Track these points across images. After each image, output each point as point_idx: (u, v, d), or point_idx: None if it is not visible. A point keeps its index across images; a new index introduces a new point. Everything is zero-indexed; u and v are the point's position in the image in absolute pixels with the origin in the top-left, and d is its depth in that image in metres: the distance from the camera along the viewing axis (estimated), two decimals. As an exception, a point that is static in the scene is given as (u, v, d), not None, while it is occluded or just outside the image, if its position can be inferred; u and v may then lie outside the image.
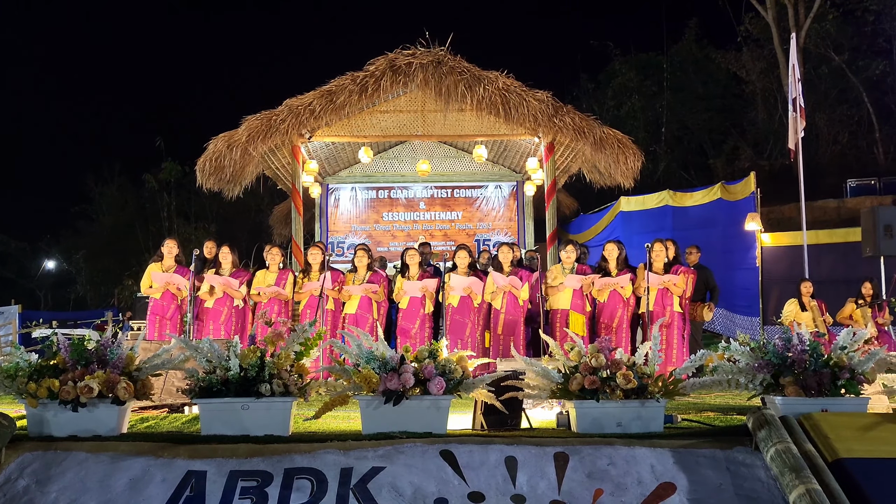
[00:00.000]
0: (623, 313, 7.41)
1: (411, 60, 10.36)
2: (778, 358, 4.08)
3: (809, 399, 3.96)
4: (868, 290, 9.31)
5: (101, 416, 3.95)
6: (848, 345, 4.11)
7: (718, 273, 9.29)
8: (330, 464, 3.58)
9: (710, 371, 4.28)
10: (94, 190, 28.45)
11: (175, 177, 24.28)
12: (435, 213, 14.66)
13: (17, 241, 30.05)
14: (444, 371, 4.02)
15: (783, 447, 3.47)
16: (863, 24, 19.71)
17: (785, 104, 15.27)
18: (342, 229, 14.59)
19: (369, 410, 3.99)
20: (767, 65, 21.07)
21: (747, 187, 12.32)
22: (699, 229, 12.66)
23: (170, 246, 7.81)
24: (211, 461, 3.60)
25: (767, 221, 13.53)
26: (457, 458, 3.62)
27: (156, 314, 7.68)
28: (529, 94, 10.40)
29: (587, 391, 3.99)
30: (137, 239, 24.58)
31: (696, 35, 23.52)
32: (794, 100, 11.28)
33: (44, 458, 3.67)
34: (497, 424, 4.34)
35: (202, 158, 10.69)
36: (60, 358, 4.04)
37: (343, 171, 14.60)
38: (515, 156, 13.81)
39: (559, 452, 3.68)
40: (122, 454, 3.67)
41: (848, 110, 20.11)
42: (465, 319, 7.49)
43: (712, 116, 22.10)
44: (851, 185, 16.29)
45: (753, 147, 20.84)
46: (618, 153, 10.58)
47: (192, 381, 4.04)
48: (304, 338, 4.20)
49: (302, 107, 10.48)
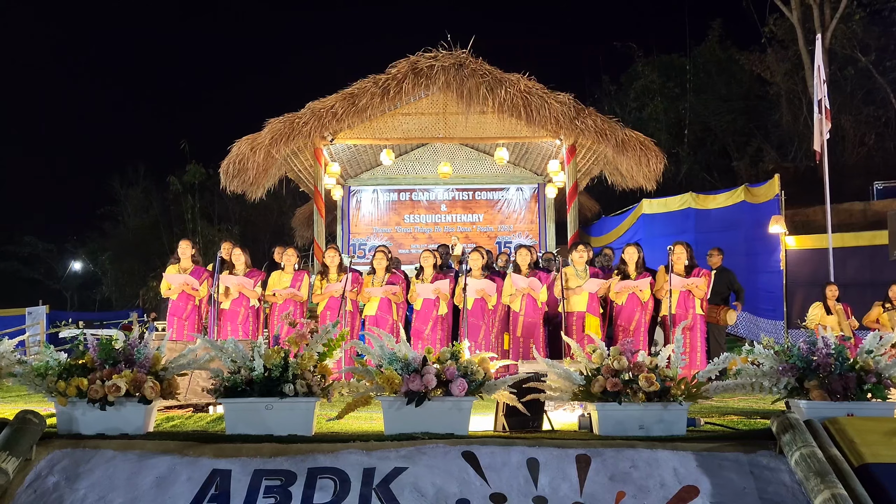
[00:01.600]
0: (641, 316, 7.38)
1: (433, 63, 10.41)
2: (802, 361, 4.05)
3: (835, 403, 3.92)
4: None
5: (128, 415, 4.01)
6: (874, 348, 4.07)
7: (742, 276, 9.21)
8: (353, 464, 3.60)
9: (733, 374, 4.25)
10: (119, 192, 28.84)
11: (199, 179, 24.52)
12: (456, 215, 14.69)
13: (44, 242, 30.54)
14: (466, 373, 4.03)
15: (808, 451, 3.44)
16: (890, 24, 19.44)
17: (810, 106, 15.12)
18: (364, 231, 14.66)
19: (391, 411, 4.01)
20: (792, 66, 20.85)
21: (771, 189, 12.20)
22: (722, 232, 12.56)
23: (183, 247, 7.86)
24: (235, 460, 3.64)
25: (792, 224, 13.38)
26: (479, 460, 3.63)
27: (174, 315, 7.74)
28: (551, 97, 10.41)
29: (609, 393, 3.99)
30: (162, 241, 24.86)
31: (719, 36, 23.32)
32: (820, 101, 11.15)
33: (73, 455, 3.72)
34: (519, 426, 4.34)
35: (226, 161, 10.82)
36: (89, 357, 4.11)
37: (365, 174, 14.68)
38: (537, 158, 13.81)
39: (581, 454, 3.68)
40: (149, 452, 3.72)
41: (875, 111, 19.84)
42: (479, 322, 7.50)
43: (736, 118, 21.91)
44: (878, 187, 16.06)
45: (777, 149, 20.64)
46: (640, 155, 10.56)
47: (217, 380, 4.09)
48: (328, 339, 4.23)
49: (324, 109, 10.57)
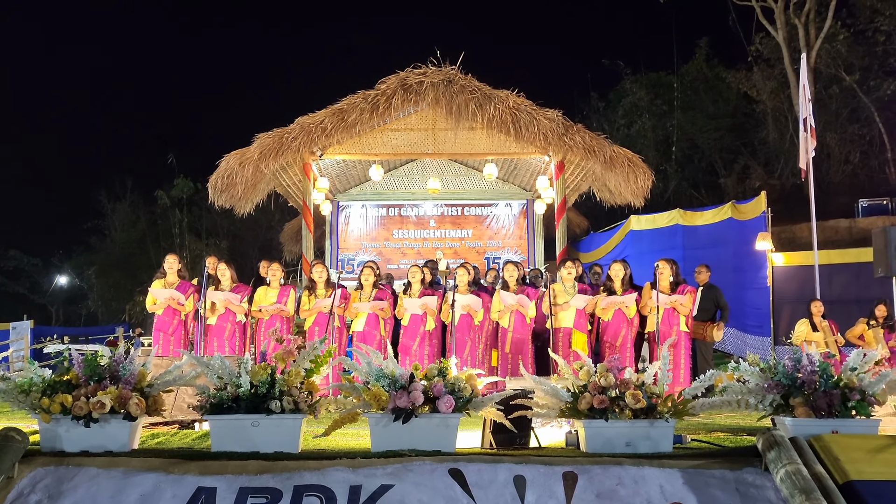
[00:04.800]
0: (627, 332, 7.41)
1: (422, 79, 10.46)
2: (788, 378, 4.07)
3: (820, 420, 3.94)
4: (882, 312, 9.25)
5: (112, 432, 3.98)
6: (858, 366, 4.09)
7: (729, 293, 9.26)
8: (339, 481, 3.59)
9: (719, 391, 4.26)
10: (106, 206, 28.67)
11: (187, 193, 24.48)
12: (445, 230, 14.71)
13: (29, 256, 30.29)
14: (453, 389, 4.03)
15: (793, 468, 3.46)
16: (874, 45, 19.72)
17: (796, 123, 15.27)
18: (352, 246, 14.65)
19: (378, 428, 4.00)
20: (778, 84, 21.09)
21: (758, 206, 12.31)
22: (710, 248, 12.64)
23: (170, 261, 7.79)
24: (221, 477, 3.62)
25: (778, 241, 13.48)
26: (465, 477, 3.63)
27: (160, 331, 7.66)
28: (540, 113, 10.46)
29: (596, 410, 4.00)
30: (149, 255, 24.74)
31: (706, 54, 23.60)
32: (805, 120, 11.27)
33: (56, 473, 3.69)
34: (506, 443, 4.34)
35: (214, 175, 10.80)
36: (74, 374, 4.08)
37: (354, 189, 14.68)
38: (525, 174, 13.86)
39: (568, 472, 3.68)
40: (134, 470, 3.70)
41: (859, 130, 20.07)
42: (465, 337, 7.50)
43: (723, 135, 22.10)
44: (863, 204, 16.22)
45: (764, 166, 20.82)
46: (628, 172, 10.62)
47: (203, 397, 4.07)
48: (315, 355, 4.23)
49: (314, 125, 10.59)
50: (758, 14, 20.63)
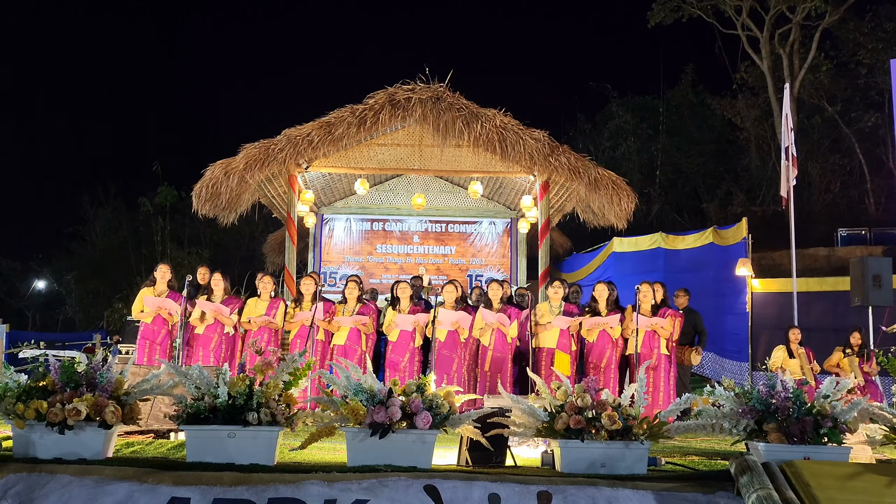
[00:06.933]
0: (612, 354, 7.44)
1: (410, 95, 10.51)
2: (762, 404, 4.12)
3: (792, 446, 3.99)
4: (856, 340, 9.36)
5: (87, 440, 3.95)
6: (831, 393, 4.15)
7: (708, 317, 9.34)
8: (314, 495, 3.58)
9: (694, 415, 4.31)
10: (88, 211, 28.41)
11: (171, 201, 24.30)
12: (429, 247, 14.72)
13: (7, 260, 29.92)
14: (431, 406, 4.04)
15: (765, 494, 3.49)
16: (856, 77, 20.07)
17: (778, 151, 15.48)
18: (335, 260, 14.62)
19: (355, 443, 4.00)
20: (762, 112, 21.38)
21: (739, 232, 12.44)
22: (691, 272, 12.75)
23: (163, 271, 7.83)
24: (195, 488, 3.60)
25: (758, 267, 13.63)
26: (440, 494, 3.63)
27: (146, 339, 7.67)
28: (526, 133, 10.53)
29: (572, 431, 4.02)
30: (129, 262, 24.49)
31: (692, 80, 23.93)
32: (787, 149, 11.43)
33: (28, 479, 3.66)
34: (482, 461, 4.34)
35: (199, 184, 10.76)
36: (50, 380, 4.05)
37: (338, 202, 14.68)
38: (510, 193, 13.93)
39: (542, 491, 3.69)
40: (107, 478, 3.67)
41: (840, 160, 20.36)
42: (453, 354, 7.50)
43: (706, 161, 22.34)
44: (842, 234, 16.42)
45: (746, 193, 21.05)
46: (612, 194, 10.69)
47: (180, 407, 4.05)
48: (294, 367, 4.23)
49: (300, 137, 10.59)
50: (743, 43, 20.95)
